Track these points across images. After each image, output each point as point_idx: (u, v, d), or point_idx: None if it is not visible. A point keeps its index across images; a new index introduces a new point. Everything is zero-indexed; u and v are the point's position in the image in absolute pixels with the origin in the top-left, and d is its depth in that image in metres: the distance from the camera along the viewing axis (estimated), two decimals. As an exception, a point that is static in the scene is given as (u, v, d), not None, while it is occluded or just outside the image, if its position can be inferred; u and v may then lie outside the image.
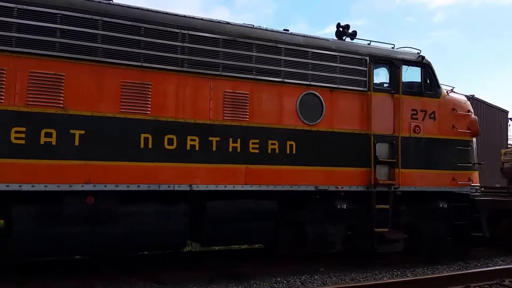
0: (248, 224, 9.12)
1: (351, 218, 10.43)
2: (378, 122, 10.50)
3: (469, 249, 12.59)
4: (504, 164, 17.45)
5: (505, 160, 17.44)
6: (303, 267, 10.14)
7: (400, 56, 10.92)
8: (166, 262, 10.06)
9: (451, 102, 11.52)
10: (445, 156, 11.26)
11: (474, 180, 11.71)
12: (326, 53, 10.01)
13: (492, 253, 12.59)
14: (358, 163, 10.22)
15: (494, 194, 14.48)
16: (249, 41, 9.22)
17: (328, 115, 9.97)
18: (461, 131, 11.50)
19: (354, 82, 10.28)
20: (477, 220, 11.63)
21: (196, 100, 8.75)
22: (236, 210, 8.97)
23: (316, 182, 9.74)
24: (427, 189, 11.04)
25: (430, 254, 11.72)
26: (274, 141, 9.36)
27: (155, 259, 10.24)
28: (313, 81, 9.83)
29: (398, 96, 10.73)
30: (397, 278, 9.31)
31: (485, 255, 12.38)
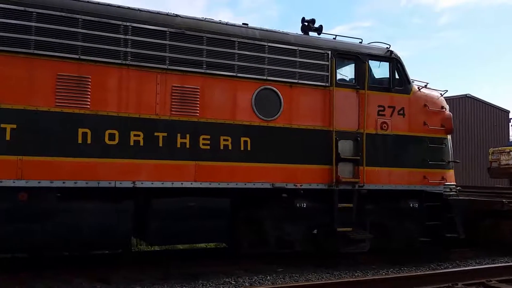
0: (197, 223, 8.29)
1: (313, 217, 9.51)
2: (342, 118, 9.55)
3: (447, 251, 11.47)
4: (491, 164, 16.11)
5: (493, 160, 16.13)
6: (264, 266, 9.24)
7: (365, 50, 9.95)
8: (123, 262, 9.23)
9: (423, 98, 10.47)
10: (415, 153, 10.24)
11: (449, 179, 10.63)
12: (285, 47, 9.12)
13: (471, 255, 11.47)
14: (319, 161, 9.29)
15: (477, 194, 13.28)
16: (199, 34, 8.39)
17: (287, 111, 9.06)
18: (433, 128, 10.45)
19: (315, 77, 9.36)
20: (451, 220, 10.52)
21: (141, 94, 7.96)
22: (184, 207, 8.15)
23: (273, 180, 8.83)
24: (396, 188, 10.02)
25: (402, 255, 10.68)
26: (227, 137, 8.50)
27: (113, 259, 9.43)
28: (270, 76, 8.95)
29: (363, 91, 9.73)
30: (344, 278, 8.36)
31: (465, 257, 11.26)
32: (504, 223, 11.97)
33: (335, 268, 9.56)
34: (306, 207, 9.23)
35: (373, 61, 10.07)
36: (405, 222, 10.34)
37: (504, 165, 15.60)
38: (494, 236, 12.15)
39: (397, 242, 10.43)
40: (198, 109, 8.31)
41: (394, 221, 10.29)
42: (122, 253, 9.39)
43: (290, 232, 9.29)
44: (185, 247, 10.75)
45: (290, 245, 9.38)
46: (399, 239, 10.40)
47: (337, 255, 9.87)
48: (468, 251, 11.80)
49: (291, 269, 9.22)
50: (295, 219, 9.30)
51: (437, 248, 11.64)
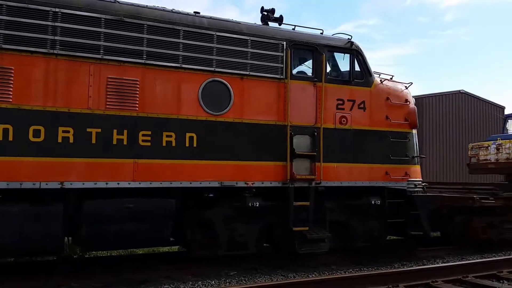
0: (137, 226, 7.04)
1: (268, 217, 8.36)
2: (298, 112, 8.35)
3: (416, 249, 10.29)
4: (470, 159, 14.83)
5: (471, 155, 14.86)
6: (216, 270, 8.05)
7: (323, 41, 8.73)
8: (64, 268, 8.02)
9: (385, 91, 9.26)
10: (377, 149, 9.07)
11: (413, 174, 9.45)
12: (235, 37, 7.90)
13: (443, 254, 10.35)
14: (273, 157, 8.10)
15: (451, 191, 12.08)
16: (139, 22, 7.18)
17: (238, 105, 7.85)
18: (396, 123, 9.26)
19: (269, 69, 8.15)
20: (416, 217, 9.34)
21: (71, 86, 6.75)
22: (120, 209, 6.93)
23: (221, 178, 7.63)
24: (356, 184, 8.84)
25: (368, 254, 9.53)
26: (170, 132, 7.29)
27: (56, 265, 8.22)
28: (219, 67, 7.74)
29: (321, 84, 8.49)
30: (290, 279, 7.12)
31: (435, 255, 10.12)
32: (477, 220, 10.84)
33: (292, 269, 8.41)
34: (260, 206, 8.05)
35: (332, 52, 8.84)
36: (367, 219, 9.21)
37: (482, 160, 14.36)
38: (467, 234, 11.00)
39: (359, 241, 9.26)
40: (137, 103, 7.10)
41: (356, 219, 9.15)
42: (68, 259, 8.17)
43: (243, 233, 8.14)
44: (145, 251, 9.52)
45: (244, 246, 8.20)
46: (362, 237, 9.24)
47: (298, 256, 8.70)
48: (439, 250, 10.68)
49: (246, 272, 8.06)
50: (248, 219, 8.15)
51: (406, 247, 10.52)
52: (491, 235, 11.04)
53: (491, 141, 14.53)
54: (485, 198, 10.66)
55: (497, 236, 11.08)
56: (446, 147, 24.08)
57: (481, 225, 10.79)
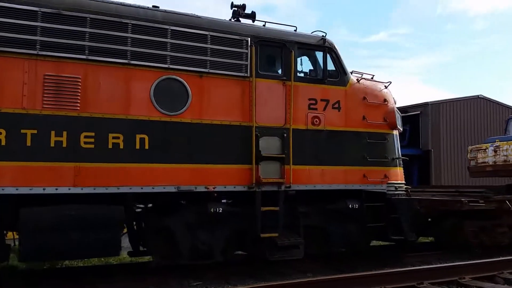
0: (81, 235, 5.69)
1: (236, 223, 6.93)
2: (265, 112, 6.96)
3: (404, 255, 8.65)
4: (470, 162, 13.02)
5: (471, 158, 13.08)
6: (177, 281, 6.60)
7: (292, 38, 7.33)
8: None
9: (361, 90, 7.78)
10: (353, 150, 7.62)
11: (393, 177, 7.95)
12: (193, 32, 6.59)
13: (432, 259, 8.70)
14: (237, 160, 6.73)
15: (443, 194, 10.38)
16: (81, 15, 5.90)
17: (196, 104, 6.50)
18: (373, 123, 7.78)
19: (232, 66, 6.80)
20: (397, 221, 7.74)
21: (3, 85, 5.44)
22: (60, 217, 5.60)
23: (178, 182, 6.28)
24: (330, 188, 7.39)
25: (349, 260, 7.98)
26: (117, 134, 5.99)
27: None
28: (174, 64, 6.44)
29: (290, 83, 7.03)
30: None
31: (423, 260, 8.52)
32: (467, 224, 9.17)
33: (265, 278, 6.93)
34: (224, 211, 6.66)
35: (303, 50, 7.38)
36: (344, 224, 7.73)
37: (480, 163, 12.59)
38: (457, 238, 9.32)
39: (337, 246, 7.72)
40: (78, 102, 5.83)
41: (333, 224, 7.69)
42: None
43: (207, 241, 6.68)
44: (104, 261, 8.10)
45: (209, 255, 6.74)
46: (339, 243, 7.70)
47: (272, 263, 7.22)
48: (428, 255, 9.04)
49: (212, 282, 6.60)
50: (212, 226, 6.74)
51: (392, 253, 8.90)
52: (484, 240, 9.33)
53: (489, 143, 12.71)
54: (474, 201, 8.97)
55: (489, 241, 9.39)
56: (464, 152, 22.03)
57: (472, 229, 9.13)
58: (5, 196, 5.43)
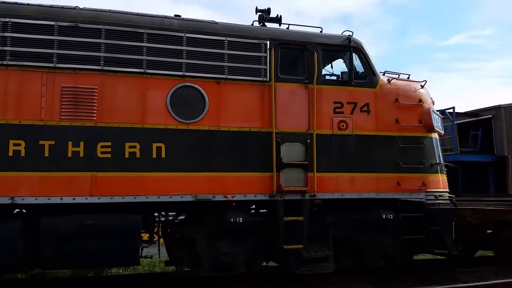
0: (98, 244, 5.80)
1: (258, 234, 6.75)
2: (287, 118, 6.81)
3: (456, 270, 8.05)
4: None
5: None
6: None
7: (315, 39, 7.14)
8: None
9: (393, 91, 7.42)
10: (385, 156, 7.24)
11: (433, 184, 7.43)
12: (209, 38, 6.61)
13: (488, 274, 8.00)
14: (257, 167, 6.60)
15: (498, 204, 9.63)
16: (96, 27, 6.10)
17: (214, 111, 6.48)
18: (408, 126, 7.34)
19: (250, 71, 6.74)
20: (438, 233, 7.24)
21: (22, 97, 5.76)
22: (80, 227, 5.72)
23: (195, 191, 6.25)
24: (360, 196, 7.02)
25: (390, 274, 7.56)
26: (134, 143, 6.07)
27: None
28: (189, 72, 6.47)
29: (313, 86, 6.87)
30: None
31: (479, 276, 7.85)
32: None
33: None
34: (244, 221, 6.48)
35: (327, 51, 7.19)
36: (378, 236, 7.30)
37: None
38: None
39: (371, 260, 7.31)
40: (95, 112, 5.99)
41: (366, 236, 7.28)
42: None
43: (228, 252, 6.57)
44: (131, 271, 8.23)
45: (231, 266, 6.63)
46: (374, 256, 7.30)
47: (303, 276, 6.97)
48: (485, 270, 8.30)
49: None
50: (234, 236, 6.61)
51: (444, 268, 8.34)
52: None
53: None
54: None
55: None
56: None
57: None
58: (24, 205, 5.73)
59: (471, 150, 19.66)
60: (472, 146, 19.91)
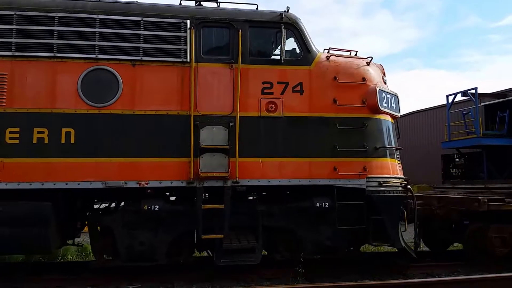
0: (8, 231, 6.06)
1: (180, 223, 6.79)
2: (209, 100, 6.75)
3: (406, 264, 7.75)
4: None
5: None
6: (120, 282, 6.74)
7: (242, 16, 6.98)
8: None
9: (332, 69, 7.14)
10: (320, 139, 6.99)
11: (376, 170, 7.14)
12: (123, 19, 6.63)
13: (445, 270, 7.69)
14: (175, 152, 6.60)
15: (468, 192, 9.16)
16: (7, 13, 6.30)
17: (128, 94, 6.55)
18: (346, 106, 7.05)
19: (169, 52, 6.71)
20: (380, 223, 7.00)
21: None
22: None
23: (106, 178, 6.34)
24: (290, 183, 6.82)
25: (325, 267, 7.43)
26: (42, 129, 6.26)
27: None
28: (103, 54, 6.53)
29: (242, 66, 6.80)
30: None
31: (432, 272, 7.65)
32: (492, 229, 7.91)
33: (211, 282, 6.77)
34: (162, 209, 6.54)
35: (256, 28, 7.03)
36: (314, 226, 7.12)
37: None
38: (481, 246, 8.11)
39: (307, 251, 7.16)
40: (5, 98, 6.21)
41: (301, 226, 7.11)
42: None
43: (145, 242, 6.67)
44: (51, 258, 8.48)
45: (150, 256, 6.72)
46: (309, 247, 7.14)
47: (237, 268, 6.97)
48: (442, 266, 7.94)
49: (151, 286, 6.63)
50: (151, 225, 6.68)
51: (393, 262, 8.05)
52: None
53: None
54: (499, 200, 7.73)
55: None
56: None
57: (498, 235, 7.81)
58: None
59: (497, 133, 18.65)
60: (499, 129, 18.85)
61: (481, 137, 17.73)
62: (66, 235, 7.22)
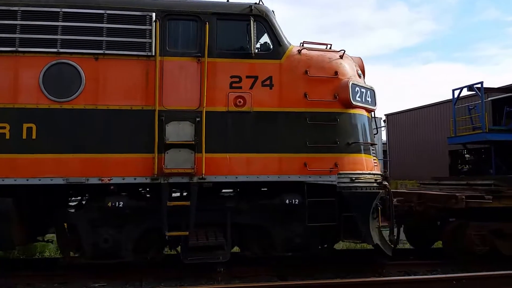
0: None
1: (146, 220, 6.73)
2: (176, 94, 6.69)
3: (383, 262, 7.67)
4: None
5: None
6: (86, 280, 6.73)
7: (209, 9, 6.89)
8: None
9: (303, 63, 7.03)
10: (290, 134, 6.89)
11: (349, 165, 7.02)
12: (87, 12, 6.57)
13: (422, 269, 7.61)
14: (140, 148, 6.54)
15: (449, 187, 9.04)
16: (-33, 6, 6.24)
17: (91, 89, 6.49)
18: (317, 101, 6.94)
19: (134, 46, 6.64)
20: (352, 220, 6.94)
21: None
22: None
23: (68, 174, 6.31)
24: (257, 179, 6.75)
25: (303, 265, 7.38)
26: (4, 124, 6.26)
27: None
28: (65, 48, 6.49)
29: (209, 60, 6.74)
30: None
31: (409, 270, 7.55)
32: (472, 227, 7.79)
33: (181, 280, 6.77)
34: (126, 206, 6.51)
35: (224, 21, 6.95)
36: (284, 223, 7.03)
37: None
38: (460, 244, 7.99)
39: (278, 249, 7.11)
40: (-34, 94, 6.18)
41: (271, 223, 7.05)
42: None
43: (109, 239, 6.64)
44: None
45: (115, 254, 6.70)
46: (280, 245, 7.08)
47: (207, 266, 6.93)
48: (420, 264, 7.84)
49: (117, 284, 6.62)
50: (116, 222, 6.65)
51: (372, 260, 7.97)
52: (502, 247, 7.85)
53: None
54: (478, 197, 7.60)
55: (509, 249, 7.83)
56: None
57: (477, 233, 7.68)
58: None
59: (503, 128, 18.42)
60: (506, 124, 18.62)
61: (486, 132, 17.52)
62: (36, 231, 7.24)
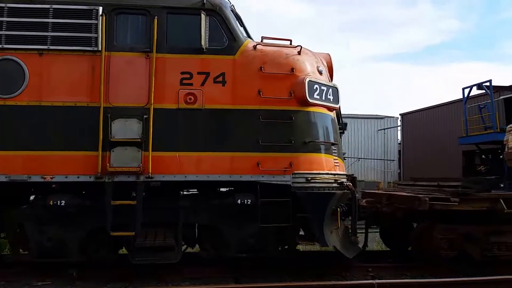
0: None
1: (92, 219, 6.66)
2: (123, 90, 6.60)
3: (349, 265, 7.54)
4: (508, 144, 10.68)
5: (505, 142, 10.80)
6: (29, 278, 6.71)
7: (158, 3, 6.79)
8: None
9: (258, 59, 6.89)
10: (242, 133, 6.76)
11: (305, 165, 6.85)
12: (32, 7, 6.51)
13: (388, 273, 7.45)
14: (84, 146, 6.47)
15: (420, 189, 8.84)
16: None
17: (35, 85, 6.44)
18: (271, 98, 6.81)
19: (79, 41, 6.55)
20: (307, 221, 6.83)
21: None
22: None
23: (10, 171, 6.28)
24: (207, 179, 6.64)
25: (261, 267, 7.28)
26: None
27: None
28: (10, 44, 6.43)
29: (158, 55, 6.66)
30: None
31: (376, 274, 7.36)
32: (438, 229, 7.61)
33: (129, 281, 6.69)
34: (68, 205, 6.46)
35: (175, 15, 6.86)
36: (237, 224, 6.94)
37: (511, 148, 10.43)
38: (426, 247, 7.83)
39: (232, 250, 7.01)
40: None
41: (224, 223, 6.96)
42: None
43: (53, 238, 6.60)
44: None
45: (61, 252, 6.66)
46: (233, 245, 6.99)
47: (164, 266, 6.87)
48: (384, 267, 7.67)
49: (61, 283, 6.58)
50: (60, 221, 6.60)
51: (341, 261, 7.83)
52: (472, 251, 7.66)
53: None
54: (443, 199, 7.40)
55: (480, 254, 7.63)
56: None
57: (443, 236, 7.49)
58: None
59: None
60: None
61: (498, 132, 17.17)
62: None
